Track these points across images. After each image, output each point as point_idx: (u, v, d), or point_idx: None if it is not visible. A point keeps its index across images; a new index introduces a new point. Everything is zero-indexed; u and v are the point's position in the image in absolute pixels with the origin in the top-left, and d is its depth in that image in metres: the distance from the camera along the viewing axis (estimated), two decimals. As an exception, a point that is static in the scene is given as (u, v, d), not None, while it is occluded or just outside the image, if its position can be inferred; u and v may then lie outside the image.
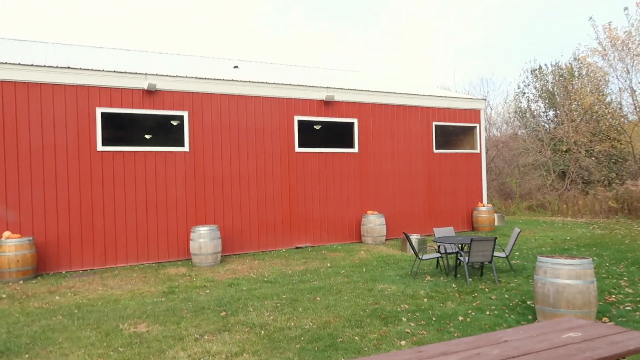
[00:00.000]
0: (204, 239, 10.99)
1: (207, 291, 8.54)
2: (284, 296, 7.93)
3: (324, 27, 69.08)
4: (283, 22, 69.47)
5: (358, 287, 8.47)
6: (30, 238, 10.05)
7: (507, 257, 9.11)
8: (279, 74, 16.68)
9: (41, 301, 8.17)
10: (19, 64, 10.62)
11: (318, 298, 7.75)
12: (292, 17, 70.25)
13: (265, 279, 9.41)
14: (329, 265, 10.77)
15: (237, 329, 6.28)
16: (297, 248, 13.27)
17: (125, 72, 11.66)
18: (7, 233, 9.93)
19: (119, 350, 5.61)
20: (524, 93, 28.67)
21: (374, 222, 13.79)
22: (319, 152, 14.01)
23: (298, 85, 13.86)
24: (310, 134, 15.04)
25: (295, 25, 69.98)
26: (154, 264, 11.43)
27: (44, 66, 10.85)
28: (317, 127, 15.62)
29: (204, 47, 59.84)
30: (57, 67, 10.98)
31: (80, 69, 11.20)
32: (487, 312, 6.69)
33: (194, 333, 6.13)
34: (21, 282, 9.71)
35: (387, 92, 15.28)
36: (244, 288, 8.70)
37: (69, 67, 11.09)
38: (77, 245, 10.93)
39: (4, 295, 8.59)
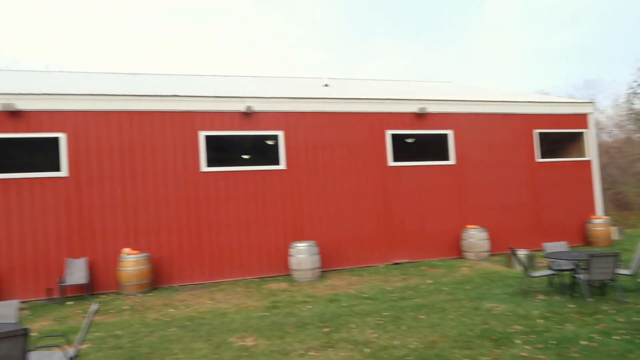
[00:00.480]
0: (302, 254, 11.18)
1: (309, 306, 8.63)
2: (385, 313, 7.77)
3: (409, 40, 68.44)
4: (366, 39, 69.87)
5: (463, 305, 8.07)
6: (147, 254, 10.89)
7: (633, 274, 8.20)
8: (368, 89, 16.70)
9: (157, 313, 8.75)
10: (134, 95, 11.66)
11: (421, 316, 7.49)
12: (375, 33, 70.45)
13: (365, 295, 9.31)
14: (429, 281, 10.42)
15: (340, 345, 6.24)
16: (395, 264, 13.03)
17: (225, 97, 12.33)
18: (126, 250, 10.84)
19: (229, 363, 5.81)
20: (637, 93, 26.08)
21: (476, 237, 13.16)
22: (413, 166, 13.74)
23: (389, 99, 13.77)
24: (403, 148, 14.82)
25: (378, 41, 70.06)
26: (256, 279, 11.83)
27: (155, 95, 11.80)
28: (410, 140, 15.35)
29: (294, 69, 61.85)
30: (165, 95, 11.89)
31: (185, 96, 12.04)
32: (615, 337, 6.03)
33: (299, 348, 6.18)
34: (140, 294, 10.52)
35: (483, 101, 14.66)
36: (344, 304, 8.67)
37: (175, 95, 11.96)
38: (187, 261, 11.64)
39: (126, 307, 9.34)
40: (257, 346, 6.38)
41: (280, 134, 12.62)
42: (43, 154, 11.02)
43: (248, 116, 12.38)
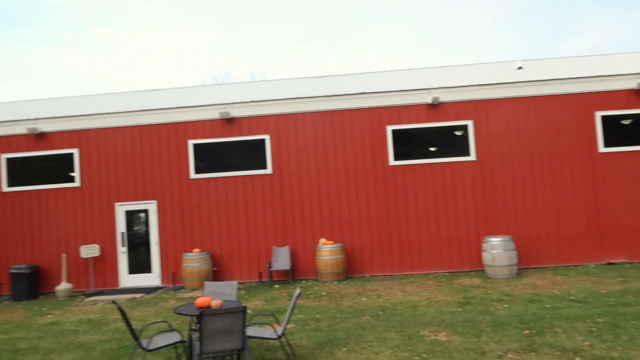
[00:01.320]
0: (497, 250, 10.53)
1: (505, 305, 8.08)
2: (599, 319, 6.82)
3: (615, 10, 58.73)
4: (562, 15, 62.12)
5: None
6: (341, 245, 11.57)
7: None
8: (570, 69, 14.82)
9: (351, 301, 9.20)
10: (325, 95, 12.43)
11: (648, 326, 6.38)
12: (572, 7, 62.11)
13: (573, 298, 8.31)
14: (657, 287, 8.81)
15: (545, 351, 5.68)
16: (609, 264, 11.35)
17: (411, 90, 12.30)
18: (322, 240, 11.66)
19: (422, 356, 5.78)
20: None
21: None
22: (631, 151, 11.77)
23: (597, 76, 12.03)
24: (618, 131, 12.78)
25: (576, 16, 61.68)
26: (447, 273, 11.56)
27: (344, 95, 12.40)
28: (627, 122, 13.18)
29: (482, 55, 58.54)
30: (353, 94, 12.40)
31: (372, 92, 12.37)
32: None
33: (496, 349, 5.83)
34: (335, 282, 11.23)
35: None
36: (547, 305, 7.88)
37: (362, 93, 12.38)
38: (377, 252, 12.00)
39: (323, 293, 10.06)
40: (451, 342, 6.22)
41: (469, 123, 12.08)
42: (252, 154, 12.54)
43: (435, 107, 12.15)
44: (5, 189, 12.84)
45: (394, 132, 12.24)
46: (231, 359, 6.00)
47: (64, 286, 11.86)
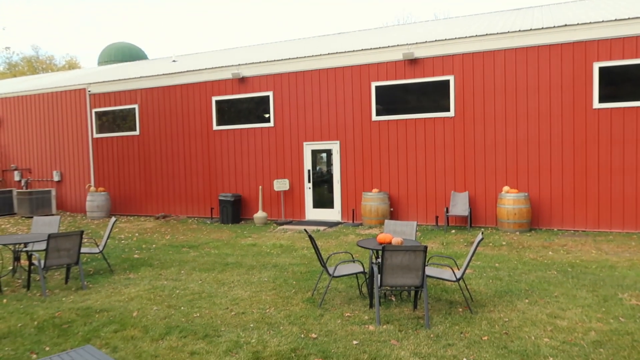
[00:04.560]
0: None
1: None
2: None
3: None
4: None
5: None
6: (526, 194, 10.79)
7: None
8: None
9: (535, 254, 8.64)
10: (520, 30, 11.28)
11: None
12: None
13: None
14: None
15: None
16: None
17: (628, 19, 10.40)
18: (506, 188, 11.01)
19: (619, 319, 5.22)
20: None
21: None
22: None
23: None
24: None
25: None
26: (656, 236, 10.02)
27: (543, 28, 11.07)
28: None
29: None
30: (554, 27, 10.99)
31: (578, 24, 10.80)
32: None
33: None
34: (517, 233, 10.62)
35: None
36: None
37: (566, 25, 10.90)
38: (569, 205, 10.90)
39: (503, 243, 9.63)
40: (657, 310, 5.47)
41: None
42: (434, 96, 12.19)
43: (659, 39, 10.14)
44: (215, 127, 14.86)
45: (602, 69, 10.62)
46: (408, 295, 6.25)
47: (260, 214, 13.51)
